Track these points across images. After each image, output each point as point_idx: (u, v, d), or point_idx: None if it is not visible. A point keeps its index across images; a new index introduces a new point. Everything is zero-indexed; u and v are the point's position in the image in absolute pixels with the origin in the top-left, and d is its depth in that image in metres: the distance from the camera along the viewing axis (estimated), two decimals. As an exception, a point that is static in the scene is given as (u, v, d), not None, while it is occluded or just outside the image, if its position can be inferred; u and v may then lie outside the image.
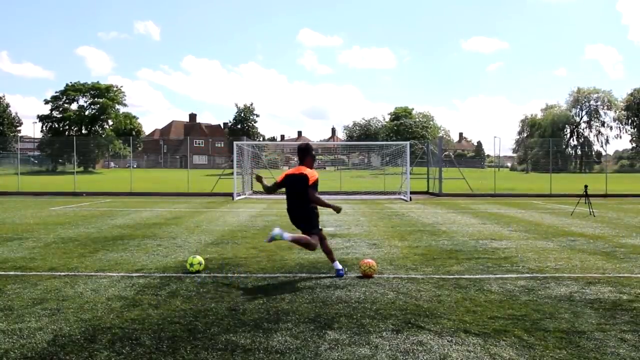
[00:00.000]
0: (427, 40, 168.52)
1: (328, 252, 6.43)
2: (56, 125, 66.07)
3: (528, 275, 6.47)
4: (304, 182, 6.16)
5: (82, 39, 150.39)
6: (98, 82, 67.30)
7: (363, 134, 73.53)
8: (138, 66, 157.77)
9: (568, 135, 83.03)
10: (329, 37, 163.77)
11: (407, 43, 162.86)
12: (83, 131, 66.17)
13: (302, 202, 6.21)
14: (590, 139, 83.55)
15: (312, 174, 6.22)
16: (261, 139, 67.85)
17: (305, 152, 6.46)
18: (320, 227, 6.32)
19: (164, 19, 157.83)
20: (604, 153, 77.79)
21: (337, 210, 6.28)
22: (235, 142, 24.27)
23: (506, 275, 6.44)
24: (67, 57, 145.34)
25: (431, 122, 74.07)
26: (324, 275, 6.43)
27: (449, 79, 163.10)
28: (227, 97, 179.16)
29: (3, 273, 6.48)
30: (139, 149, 70.42)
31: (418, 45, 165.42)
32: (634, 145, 78.56)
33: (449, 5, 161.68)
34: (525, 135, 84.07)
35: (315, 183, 6.23)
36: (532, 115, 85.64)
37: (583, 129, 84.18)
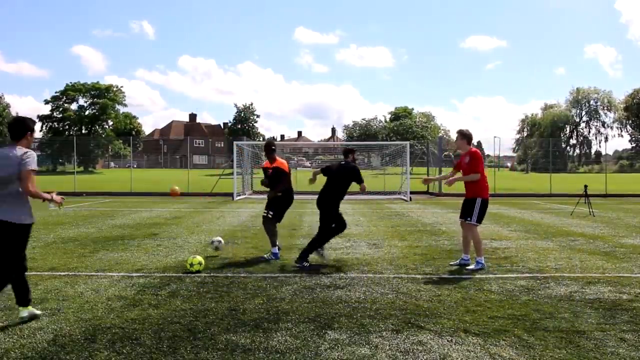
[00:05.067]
0: (425, 39, 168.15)
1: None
2: (56, 125, 66.04)
3: (528, 275, 6.48)
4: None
5: (76, 38, 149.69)
6: (98, 82, 67.31)
7: (363, 134, 73.46)
8: (134, 65, 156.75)
9: (568, 135, 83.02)
10: (325, 35, 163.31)
11: (405, 42, 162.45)
12: (83, 131, 66.15)
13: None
14: (590, 138, 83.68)
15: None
16: (261, 139, 67.83)
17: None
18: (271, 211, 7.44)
19: (159, 18, 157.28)
20: (603, 152, 77.84)
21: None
22: (235, 142, 24.27)
23: (506, 275, 6.44)
24: (62, 56, 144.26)
25: (431, 122, 74.10)
26: (324, 275, 6.44)
27: (447, 78, 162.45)
28: (225, 97, 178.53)
29: (3, 273, 6.48)
30: (139, 149, 70.31)
31: (416, 44, 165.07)
32: (634, 145, 78.54)
33: (446, 4, 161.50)
34: (525, 135, 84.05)
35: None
36: (532, 115, 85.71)
37: (582, 129, 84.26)
